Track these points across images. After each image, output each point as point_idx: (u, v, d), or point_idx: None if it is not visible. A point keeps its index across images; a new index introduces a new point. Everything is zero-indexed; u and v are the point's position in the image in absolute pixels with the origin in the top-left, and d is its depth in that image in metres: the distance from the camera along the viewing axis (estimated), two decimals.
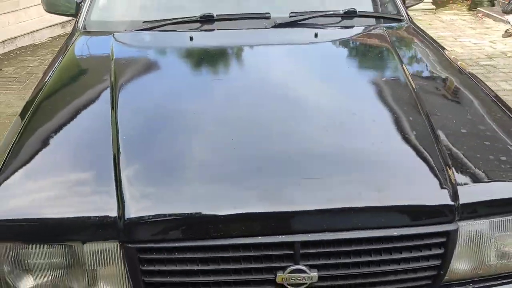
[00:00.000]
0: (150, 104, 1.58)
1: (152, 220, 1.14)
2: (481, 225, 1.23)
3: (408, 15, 2.35)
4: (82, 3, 2.33)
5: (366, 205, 1.18)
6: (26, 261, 1.18)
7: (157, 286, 1.17)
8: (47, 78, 1.76)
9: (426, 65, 1.94)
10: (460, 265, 1.26)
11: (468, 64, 4.99)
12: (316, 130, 1.42)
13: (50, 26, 6.21)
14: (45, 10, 2.50)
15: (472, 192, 1.23)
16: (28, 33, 5.89)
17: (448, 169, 1.26)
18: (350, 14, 2.17)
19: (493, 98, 1.63)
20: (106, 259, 1.16)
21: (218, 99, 1.63)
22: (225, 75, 1.84)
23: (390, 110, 1.54)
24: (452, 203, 1.19)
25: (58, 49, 5.52)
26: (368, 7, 2.39)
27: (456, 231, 1.20)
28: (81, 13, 2.25)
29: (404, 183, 1.25)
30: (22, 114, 1.55)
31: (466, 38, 5.95)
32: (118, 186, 1.19)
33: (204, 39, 2.08)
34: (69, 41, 2.09)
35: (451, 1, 8.00)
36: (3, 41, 5.55)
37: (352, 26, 2.20)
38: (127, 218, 1.13)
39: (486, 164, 1.32)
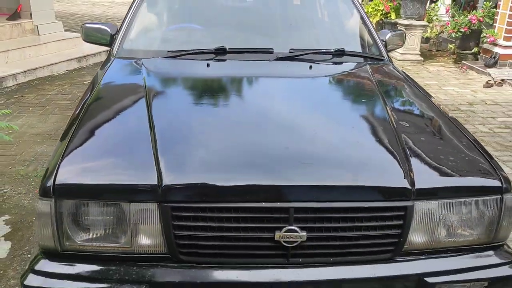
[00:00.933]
0: (177, 108, 2.01)
1: (182, 186, 1.52)
2: (432, 205, 1.61)
3: (388, 56, 2.80)
4: (116, 35, 2.78)
5: (345, 184, 1.58)
6: (83, 216, 1.54)
7: (183, 238, 1.53)
8: (95, 85, 2.18)
9: (398, 92, 2.38)
10: (416, 238, 1.63)
11: (450, 109, 5.48)
12: (309, 133, 1.83)
13: (68, 60, 6.70)
14: (83, 40, 2.95)
15: (425, 180, 1.62)
16: (47, 66, 6.36)
17: (409, 163, 1.66)
18: (339, 53, 2.63)
19: (451, 121, 2.05)
20: (147, 216, 1.53)
21: (230, 108, 2.06)
22: (235, 94, 2.27)
23: (365, 121, 1.97)
24: (410, 187, 1.58)
25: (75, 80, 5.97)
26: (356, 48, 2.85)
27: (412, 207, 1.58)
28: (115, 43, 2.69)
29: (374, 170, 1.65)
30: (75, 116, 1.95)
31: (450, 87, 6.47)
32: (156, 162, 1.58)
33: (218, 67, 2.51)
34: (106, 64, 2.51)
35: (438, 54, 8.63)
36: (24, 71, 6.00)
37: (341, 62, 2.64)
38: (164, 185, 1.51)
39: (438, 163, 1.72)
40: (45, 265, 1.56)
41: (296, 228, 1.52)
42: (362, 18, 2.97)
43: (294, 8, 3.12)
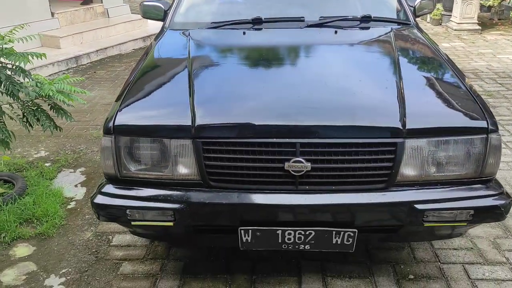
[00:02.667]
0: (212, 67, 2.41)
1: (209, 126, 1.91)
2: (421, 142, 1.87)
3: (414, 20, 2.99)
4: (168, 11, 3.20)
5: (343, 124, 1.89)
6: (135, 150, 1.97)
7: (212, 167, 1.92)
8: (149, 52, 2.63)
9: (412, 52, 2.59)
10: (407, 171, 1.90)
11: (500, 76, 5.44)
12: (320, 85, 2.14)
13: (134, 39, 7.31)
14: (142, 16, 3.40)
15: (416, 122, 1.88)
16: (116, 45, 7.00)
17: (404, 107, 1.93)
18: (366, 19, 2.87)
19: (456, 75, 2.25)
20: (183, 150, 1.93)
21: (257, 67, 2.42)
22: (265, 56, 2.60)
23: (373, 75, 2.24)
24: (401, 127, 1.86)
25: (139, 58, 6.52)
26: (384, 13, 3.05)
27: (402, 143, 1.85)
28: (167, 17, 3.11)
29: (371, 113, 1.94)
30: (132, 72, 2.40)
31: (505, 55, 6.34)
32: (192, 108, 1.97)
33: (254, 34, 2.85)
34: (160, 35, 2.94)
35: (500, 23, 8.34)
36: (96, 51, 6.68)
37: (368, 28, 2.88)
38: (196, 125, 1.90)
39: (431, 107, 1.99)
40: (109, 188, 2.03)
41: (301, 159, 1.85)
42: None
43: None
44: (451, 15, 8.02)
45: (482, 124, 1.89)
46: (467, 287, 2.27)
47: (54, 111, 3.09)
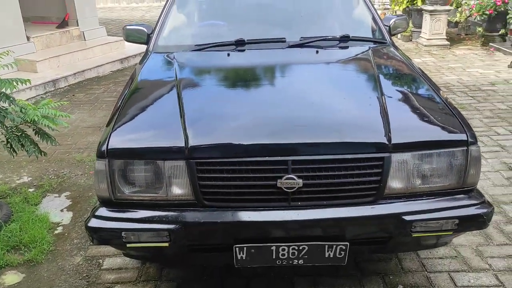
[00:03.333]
0: (201, 89, 2.47)
1: (203, 146, 1.95)
2: (406, 156, 1.96)
3: (390, 39, 3.13)
4: (151, 34, 3.26)
5: (332, 140, 1.96)
6: (129, 173, 2.00)
7: (206, 187, 1.95)
8: (135, 75, 2.67)
9: (391, 69, 2.71)
10: (394, 184, 1.99)
11: (470, 89, 5.67)
12: (307, 104, 2.22)
13: (112, 61, 7.32)
14: (125, 40, 3.44)
15: (401, 136, 1.97)
16: (94, 67, 6.99)
17: (389, 122, 2.02)
18: (345, 38, 2.99)
19: (433, 90, 2.38)
20: (177, 171, 1.96)
21: (245, 88, 2.49)
22: (250, 76, 2.68)
23: (356, 93, 2.34)
24: (387, 142, 1.95)
25: (118, 80, 6.55)
26: (361, 33, 3.18)
27: (389, 157, 1.94)
28: (151, 41, 3.16)
29: (358, 129, 2.02)
30: (121, 96, 2.43)
31: (474, 69, 6.62)
32: (184, 130, 2.01)
33: (238, 55, 2.93)
34: (145, 58, 2.99)
35: (467, 38, 8.69)
36: (74, 74, 6.65)
37: (347, 47, 2.99)
38: (189, 146, 1.94)
39: (413, 121, 2.09)
40: (102, 211, 2.04)
41: (293, 176, 1.91)
42: (367, 6, 3.31)
43: (305, 2, 3.48)
44: (421, 32, 8.32)
45: (462, 137, 2.00)
46: None
47: (39, 136, 3.09)
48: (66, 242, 2.91)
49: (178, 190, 1.99)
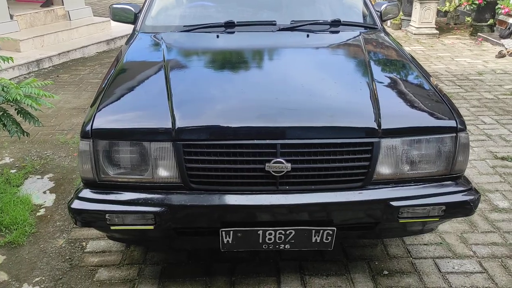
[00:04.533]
0: (188, 70, 2.42)
1: (190, 129, 1.91)
2: (395, 141, 1.95)
3: (381, 24, 3.10)
4: (139, 14, 3.18)
5: (321, 125, 1.93)
6: (114, 154, 1.95)
7: (192, 170, 1.92)
8: (122, 55, 2.60)
9: (381, 54, 2.68)
10: (383, 170, 1.97)
11: (458, 78, 5.69)
12: (297, 87, 2.18)
13: (97, 43, 7.17)
14: (111, 19, 3.36)
15: (390, 122, 1.95)
16: (79, 48, 6.85)
17: (379, 108, 2.00)
18: (335, 23, 2.95)
19: (421, 73, 2.36)
20: (164, 152, 1.92)
21: (233, 70, 2.44)
22: (239, 58, 2.63)
23: (347, 77, 2.31)
24: (377, 128, 1.93)
25: (104, 61, 6.43)
26: (352, 18, 3.15)
27: (378, 143, 1.92)
28: (138, 20, 3.08)
29: (347, 114, 2.00)
30: (106, 77, 2.37)
31: (462, 58, 6.64)
32: (171, 111, 1.97)
33: (227, 38, 2.87)
34: (132, 38, 2.91)
35: (456, 28, 8.71)
36: (58, 54, 6.51)
37: (337, 31, 2.95)
38: (176, 128, 1.90)
39: (403, 107, 2.07)
40: (86, 193, 1.99)
41: (282, 160, 1.88)
42: None
43: None
44: (410, 20, 8.31)
45: (452, 123, 1.99)
46: (438, 281, 2.37)
47: (21, 115, 3.01)
48: (49, 224, 2.85)
49: (164, 172, 1.95)
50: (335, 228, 1.97)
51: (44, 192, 3.21)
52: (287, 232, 1.97)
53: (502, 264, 2.47)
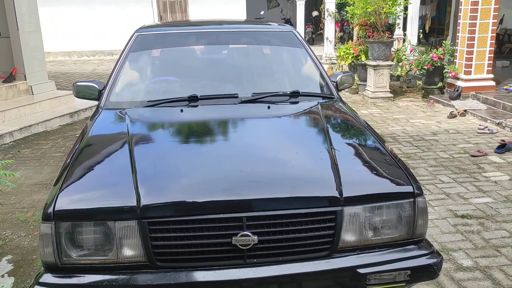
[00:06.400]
0: (154, 147, 2.44)
1: (155, 206, 1.92)
2: (358, 209, 2.01)
3: (337, 94, 3.27)
4: (103, 91, 3.23)
5: (285, 196, 1.98)
6: (77, 235, 1.92)
7: (158, 247, 1.90)
8: (85, 133, 2.61)
9: (339, 123, 2.82)
10: (348, 237, 2.01)
11: (414, 139, 5.95)
12: (260, 159, 2.25)
13: (60, 116, 7.15)
14: (75, 96, 3.39)
15: (351, 190, 2.02)
16: (42, 122, 6.80)
17: (339, 177, 2.07)
18: (295, 94, 3.09)
19: (377, 141, 2.48)
20: (129, 231, 1.90)
21: (198, 144, 2.49)
22: (203, 132, 2.69)
23: (307, 147, 2.39)
24: (339, 196, 1.99)
25: (67, 134, 6.37)
26: (310, 89, 3.31)
27: (342, 211, 1.97)
28: (102, 97, 3.13)
29: (310, 184, 2.06)
30: (70, 153, 2.36)
31: (417, 120, 6.99)
32: (136, 189, 1.97)
33: (191, 111, 2.95)
34: (96, 114, 2.94)
35: (408, 91, 9.22)
36: (20, 129, 6.43)
37: (297, 102, 3.09)
38: (141, 205, 1.90)
39: (362, 175, 2.15)
40: (47, 277, 1.92)
41: (248, 233, 1.90)
42: (315, 64, 3.46)
43: (256, 59, 3.61)
44: (366, 85, 8.75)
45: (409, 189, 2.07)
46: None
47: None
48: None
49: (129, 251, 1.92)
50: None
51: (2, 276, 3.05)
52: None
53: None
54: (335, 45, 11.04)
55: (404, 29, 11.11)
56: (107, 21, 15.92)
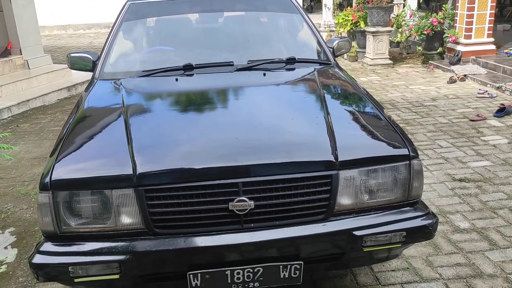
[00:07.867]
0: (148, 115, 2.44)
1: (151, 174, 1.92)
2: (353, 172, 2.01)
3: (334, 60, 3.23)
4: (97, 62, 3.20)
5: (281, 161, 1.98)
6: (75, 204, 1.93)
7: (156, 214, 1.92)
8: (80, 104, 2.60)
9: (335, 88, 2.80)
10: (344, 200, 2.03)
11: (414, 105, 5.92)
12: (255, 125, 2.25)
13: (58, 90, 7.12)
14: (69, 68, 3.36)
15: (347, 154, 2.02)
16: (39, 96, 6.78)
17: (335, 141, 2.07)
18: (291, 60, 3.06)
19: (374, 105, 2.47)
20: (126, 199, 1.92)
21: (194, 112, 2.48)
22: (198, 100, 2.68)
23: (303, 113, 2.39)
24: (334, 160, 1.99)
25: (65, 108, 6.36)
26: (307, 55, 3.27)
27: (337, 175, 1.98)
28: (97, 68, 3.10)
29: (306, 149, 2.06)
30: (66, 125, 2.36)
31: (416, 86, 6.94)
32: (131, 156, 1.98)
33: (186, 80, 2.92)
34: (91, 85, 2.92)
35: (408, 57, 9.12)
36: (18, 104, 6.42)
37: (293, 69, 3.06)
38: (138, 173, 1.91)
39: (358, 139, 2.15)
40: (47, 246, 1.95)
41: (245, 198, 1.91)
42: (311, 29, 3.41)
43: (252, 26, 3.55)
44: (365, 52, 8.65)
45: (404, 152, 2.07)
46: None
47: None
48: (11, 281, 2.75)
49: (127, 219, 1.94)
50: (302, 262, 1.99)
51: (6, 248, 3.10)
52: (255, 270, 1.98)
53: (467, 284, 2.54)
54: (334, 12, 10.86)
55: None
56: None
